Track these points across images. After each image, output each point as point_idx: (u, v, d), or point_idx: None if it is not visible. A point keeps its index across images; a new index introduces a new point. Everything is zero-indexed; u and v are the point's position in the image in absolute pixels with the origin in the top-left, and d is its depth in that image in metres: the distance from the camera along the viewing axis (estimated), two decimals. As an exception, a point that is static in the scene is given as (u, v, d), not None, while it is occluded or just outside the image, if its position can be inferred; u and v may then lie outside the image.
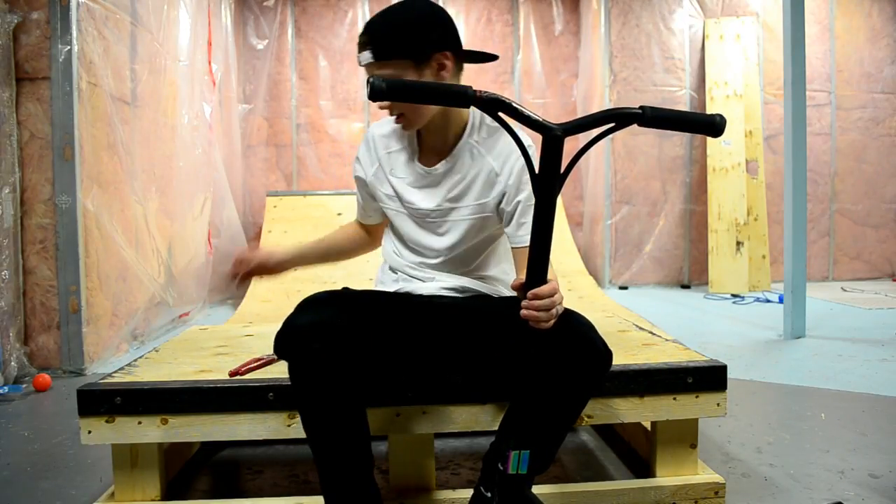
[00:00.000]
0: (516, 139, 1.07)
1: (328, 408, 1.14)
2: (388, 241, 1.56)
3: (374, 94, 1.01)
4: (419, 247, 1.46)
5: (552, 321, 1.06)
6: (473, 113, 1.42)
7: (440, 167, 1.41)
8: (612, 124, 1.05)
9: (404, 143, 1.45)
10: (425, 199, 1.42)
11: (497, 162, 1.38)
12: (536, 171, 1.02)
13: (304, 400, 1.16)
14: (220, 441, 1.78)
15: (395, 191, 1.45)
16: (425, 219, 1.44)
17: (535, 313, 1.03)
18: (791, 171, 3.36)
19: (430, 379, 1.40)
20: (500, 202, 1.39)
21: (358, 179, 1.51)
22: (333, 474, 1.18)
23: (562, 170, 1.02)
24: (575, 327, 1.18)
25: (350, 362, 1.14)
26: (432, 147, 1.43)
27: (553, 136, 1.00)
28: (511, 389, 1.26)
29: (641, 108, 1.04)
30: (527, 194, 1.35)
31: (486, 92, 1.02)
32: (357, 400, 1.17)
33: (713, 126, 1.08)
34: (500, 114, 1.03)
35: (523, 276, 1.14)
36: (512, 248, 1.39)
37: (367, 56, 1.29)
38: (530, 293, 1.03)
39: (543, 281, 1.04)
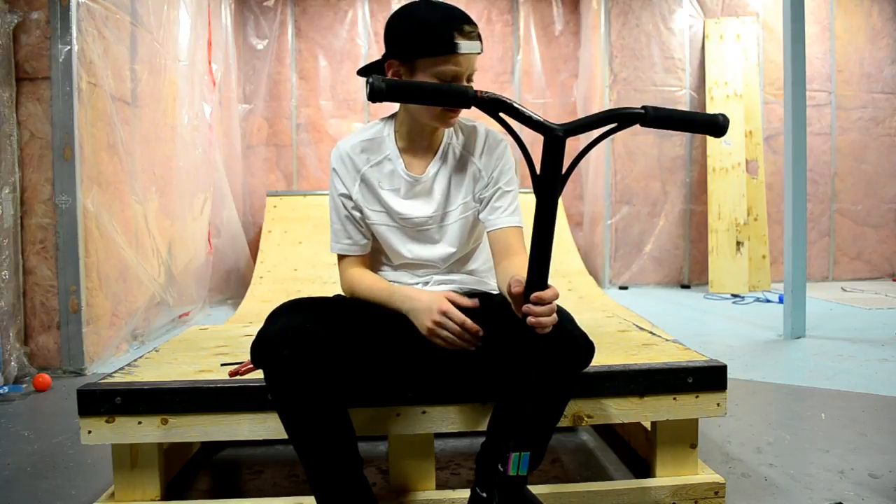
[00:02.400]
0: (517, 140, 1.04)
1: (304, 412, 1.15)
2: (371, 267, 1.52)
3: (375, 95, 0.98)
4: (416, 260, 1.44)
5: (550, 328, 1.04)
6: None
7: (430, 171, 1.40)
8: (614, 124, 1.04)
9: (385, 154, 1.41)
10: (419, 208, 1.41)
11: (480, 159, 1.41)
12: (538, 171, 1.01)
13: (280, 406, 1.16)
14: (220, 441, 1.78)
15: (386, 205, 1.41)
16: (418, 228, 1.42)
17: (540, 319, 1.01)
18: (791, 171, 3.36)
19: (424, 379, 1.40)
20: (482, 192, 1.42)
21: (343, 197, 1.41)
22: (319, 476, 1.18)
23: (563, 170, 1.01)
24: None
25: (322, 367, 1.14)
26: (418, 153, 1.41)
27: (555, 137, 0.99)
28: (499, 389, 1.26)
29: (644, 107, 1.04)
30: (506, 180, 1.41)
31: (486, 92, 1.01)
32: (333, 402, 1.17)
33: (716, 126, 1.07)
34: (501, 114, 1.02)
35: (507, 267, 1.15)
36: (487, 232, 1.41)
37: (479, 46, 1.27)
38: (534, 296, 1.01)
39: (545, 284, 1.03)
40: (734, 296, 4.97)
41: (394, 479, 1.45)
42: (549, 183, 1.00)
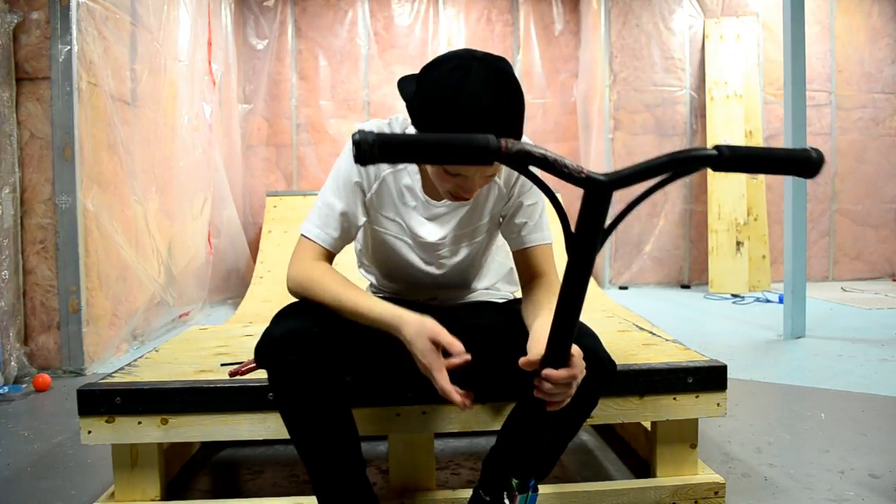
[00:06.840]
0: (548, 193, 0.86)
1: (308, 415, 1.14)
2: (370, 273, 1.49)
3: (362, 157, 0.75)
4: (418, 274, 1.38)
5: (567, 400, 0.96)
6: None
7: (446, 201, 1.28)
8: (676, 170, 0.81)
9: (406, 165, 1.27)
10: (433, 232, 1.31)
11: (503, 180, 1.29)
12: (572, 229, 0.83)
13: (284, 408, 1.16)
14: (220, 441, 1.78)
15: (403, 218, 1.30)
16: (430, 250, 1.34)
17: (549, 396, 0.94)
18: (791, 171, 3.35)
19: (424, 379, 1.40)
20: (503, 210, 1.33)
21: (357, 186, 1.27)
22: (321, 478, 1.18)
23: (605, 224, 0.82)
24: (579, 340, 1.12)
25: (327, 371, 1.13)
26: None
27: (599, 190, 0.79)
28: (516, 393, 1.23)
29: (717, 148, 0.79)
30: (528, 192, 1.30)
31: (513, 142, 0.78)
32: (338, 405, 1.16)
33: (808, 163, 0.80)
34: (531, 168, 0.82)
35: (537, 295, 1.12)
36: (513, 251, 1.34)
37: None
38: (546, 374, 0.91)
39: (566, 357, 0.91)
40: (734, 296, 4.97)
41: (394, 479, 1.45)
42: (585, 241, 0.82)
